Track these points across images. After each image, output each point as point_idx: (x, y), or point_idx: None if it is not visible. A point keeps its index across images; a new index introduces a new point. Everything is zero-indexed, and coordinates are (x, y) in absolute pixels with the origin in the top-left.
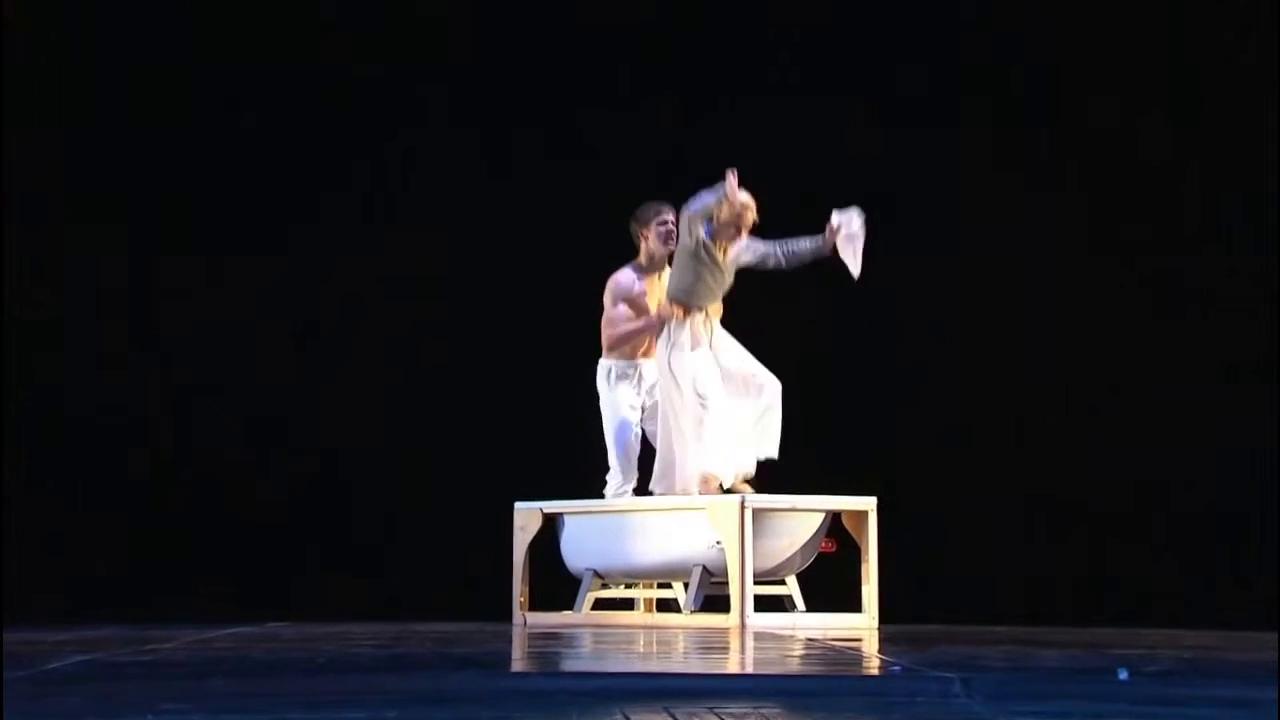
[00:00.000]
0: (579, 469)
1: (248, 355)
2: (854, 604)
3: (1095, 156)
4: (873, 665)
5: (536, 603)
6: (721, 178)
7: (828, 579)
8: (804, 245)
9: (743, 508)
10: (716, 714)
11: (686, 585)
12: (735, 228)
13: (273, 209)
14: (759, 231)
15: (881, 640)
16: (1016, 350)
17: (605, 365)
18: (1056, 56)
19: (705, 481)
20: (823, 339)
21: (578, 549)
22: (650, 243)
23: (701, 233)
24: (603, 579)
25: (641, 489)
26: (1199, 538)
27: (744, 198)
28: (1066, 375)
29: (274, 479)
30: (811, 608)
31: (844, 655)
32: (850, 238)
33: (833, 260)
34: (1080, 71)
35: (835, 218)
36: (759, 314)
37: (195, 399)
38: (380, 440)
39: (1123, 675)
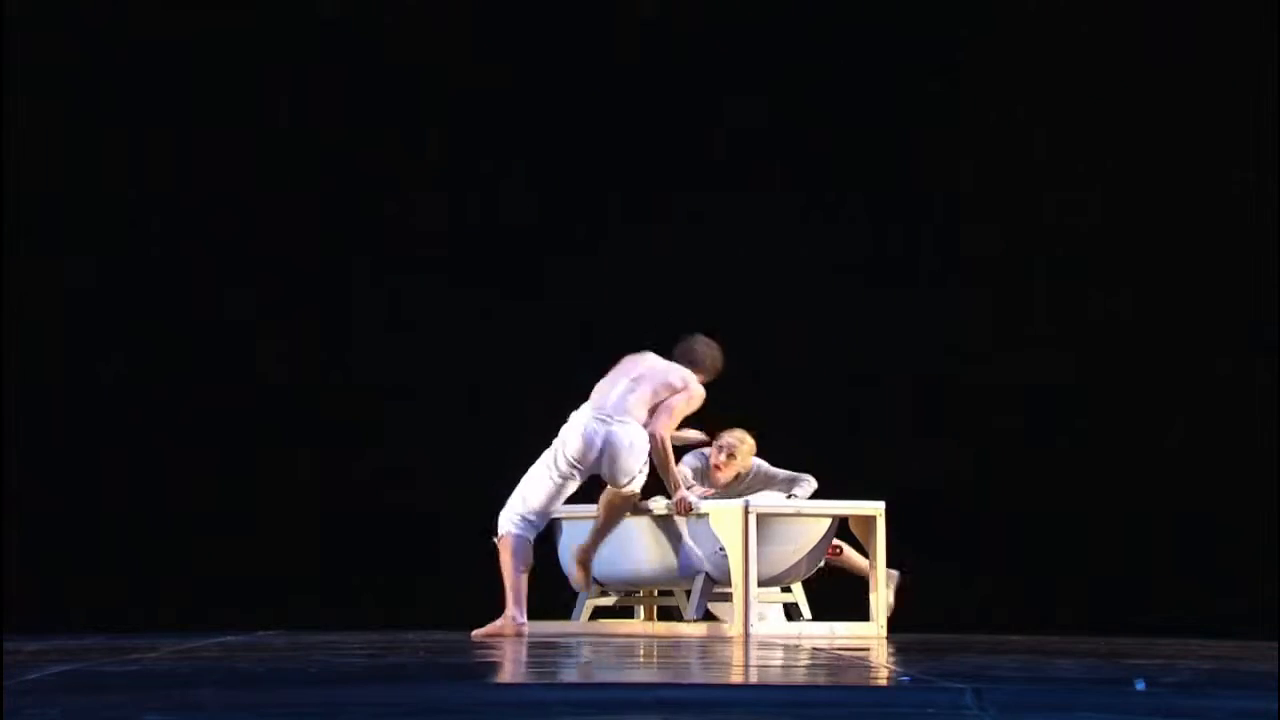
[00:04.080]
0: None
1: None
2: (861, 612)
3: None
4: (881, 676)
5: (534, 611)
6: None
7: (834, 586)
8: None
9: (746, 512)
10: None
11: (688, 593)
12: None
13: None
14: None
15: (890, 650)
16: (1026, 353)
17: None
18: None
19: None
20: (828, 339)
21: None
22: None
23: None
24: (602, 586)
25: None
26: (1210, 543)
27: (729, 440)
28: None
29: (263, 485)
30: (818, 616)
31: (851, 665)
32: None
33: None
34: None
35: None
36: (763, 318)
37: (192, 401)
38: (375, 443)
39: (1140, 686)
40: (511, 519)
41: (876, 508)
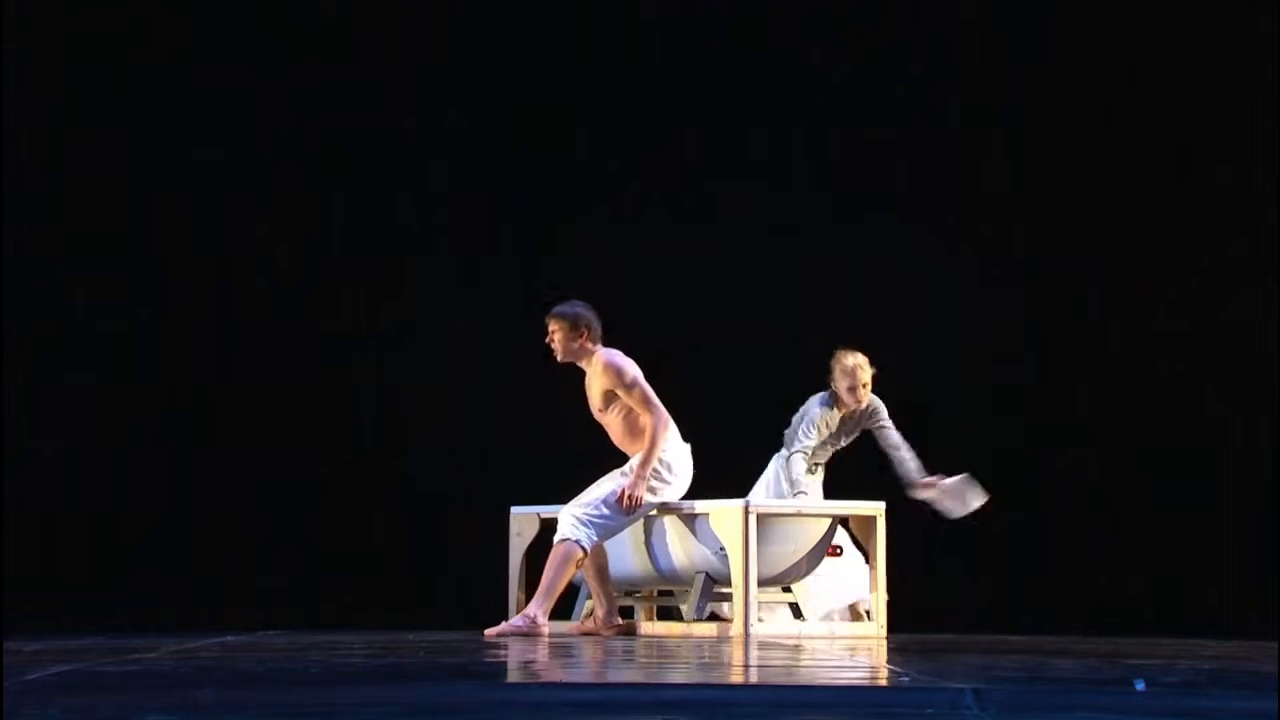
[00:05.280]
0: (576, 473)
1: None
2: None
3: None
4: (881, 676)
5: None
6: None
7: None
8: (909, 468)
9: (746, 513)
10: None
11: (689, 593)
12: (850, 391)
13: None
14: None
15: (890, 650)
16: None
17: None
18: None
19: None
20: (827, 337)
21: None
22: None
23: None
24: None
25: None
26: (1210, 543)
27: (850, 361)
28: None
29: (265, 481)
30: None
31: (851, 665)
32: (954, 499)
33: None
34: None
35: (950, 482)
36: (765, 320)
37: (192, 402)
38: (376, 442)
39: (1140, 686)
40: (578, 527)
41: (876, 508)
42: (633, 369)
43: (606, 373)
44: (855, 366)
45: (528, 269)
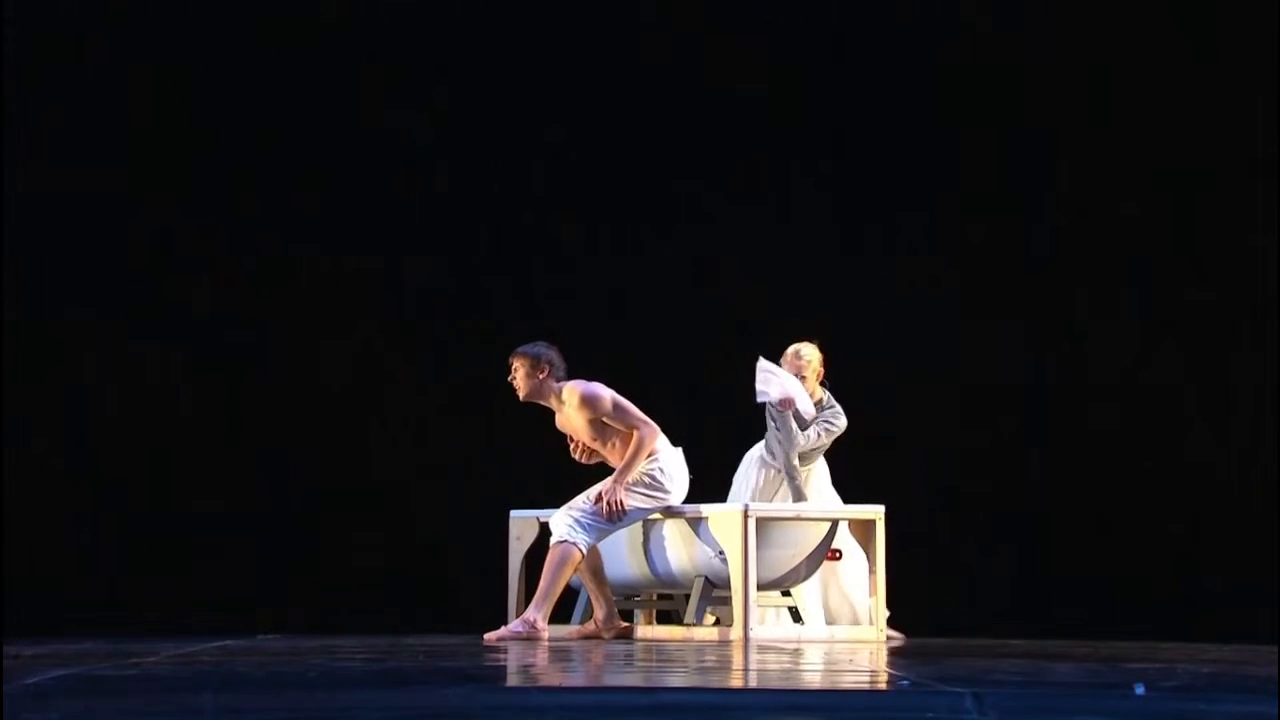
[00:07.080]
0: (576, 477)
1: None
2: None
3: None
4: (881, 680)
5: None
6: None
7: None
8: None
9: (746, 516)
10: None
11: (688, 597)
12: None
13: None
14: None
15: (889, 654)
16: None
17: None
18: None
19: None
20: (827, 341)
21: None
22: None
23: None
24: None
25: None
26: (1210, 546)
27: (790, 349)
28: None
29: (262, 488)
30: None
31: (851, 669)
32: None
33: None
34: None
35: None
36: (765, 322)
37: (192, 408)
38: (375, 446)
39: (1139, 690)
40: (575, 529)
41: (876, 511)
42: (607, 393)
43: (585, 406)
44: (793, 353)
45: (526, 273)
